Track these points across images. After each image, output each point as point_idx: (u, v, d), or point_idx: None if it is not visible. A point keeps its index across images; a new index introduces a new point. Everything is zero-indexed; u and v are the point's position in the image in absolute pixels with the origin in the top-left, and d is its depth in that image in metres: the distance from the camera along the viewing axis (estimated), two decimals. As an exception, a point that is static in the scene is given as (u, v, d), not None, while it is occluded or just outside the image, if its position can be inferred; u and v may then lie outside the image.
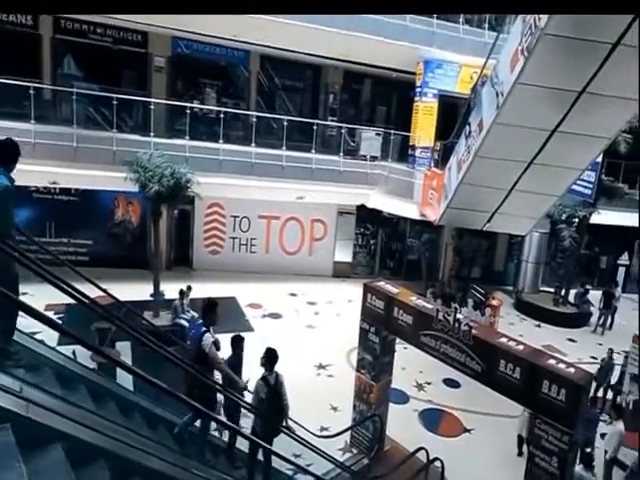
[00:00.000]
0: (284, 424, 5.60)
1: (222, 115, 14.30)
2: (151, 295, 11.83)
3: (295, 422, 6.01)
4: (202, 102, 15.80)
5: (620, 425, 7.97)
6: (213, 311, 5.47)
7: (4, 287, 2.51)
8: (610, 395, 10.23)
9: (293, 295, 15.11)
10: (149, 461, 3.56)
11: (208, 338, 5.18)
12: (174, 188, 10.94)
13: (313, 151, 15.10)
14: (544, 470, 5.95)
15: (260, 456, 5.65)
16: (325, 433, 7.77)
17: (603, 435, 9.22)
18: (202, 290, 13.07)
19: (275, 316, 13.54)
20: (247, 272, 15.75)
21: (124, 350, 9.51)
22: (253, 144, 14.46)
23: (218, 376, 5.61)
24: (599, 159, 12.56)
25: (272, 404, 5.50)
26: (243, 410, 5.65)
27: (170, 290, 11.99)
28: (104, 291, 4.95)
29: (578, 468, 6.70)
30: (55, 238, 14.61)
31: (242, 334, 6.82)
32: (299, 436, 5.66)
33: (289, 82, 18.00)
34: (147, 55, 15.35)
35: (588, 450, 7.39)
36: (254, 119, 14.99)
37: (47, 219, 14.66)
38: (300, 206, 16.19)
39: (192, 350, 5.34)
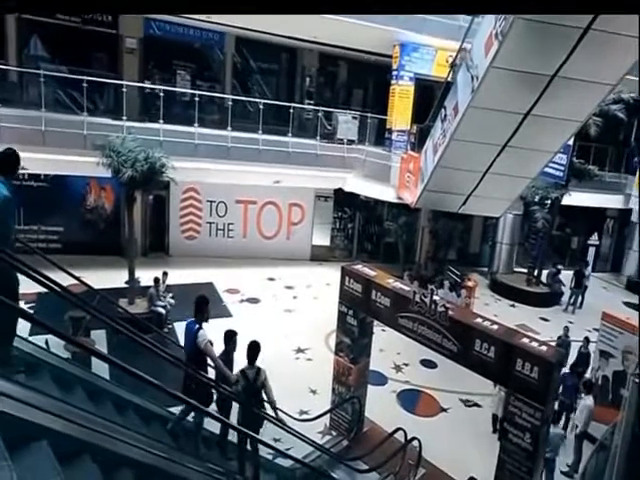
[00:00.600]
0: (273, 416, 5.56)
1: (197, 98, 14.03)
2: (126, 282, 11.66)
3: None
4: (176, 85, 15.46)
5: (590, 400, 8.25)
6: (205, 307, 5.43)
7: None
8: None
9: (271, 280, 15.10)
10: (130, 452, 3.55)
11: (203, 335, 5.18)
12: (148, 173, 10.71)
13: (290, 135, 14.97)
14: (517, 446, 6.14)
15: (248, 446, 5.66)
16: (304, 417, 7.85)
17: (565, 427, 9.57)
18: (179, 276, 13.02)
19: (253, 301, 13.52)
20: (224, 257, 15.66)
21: (99, 339, 9.40)
22: (229, 128, 14.25)
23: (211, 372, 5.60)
24: (570, 142, 12.79)
25: (249, 397, 5.47)
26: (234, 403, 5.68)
27: (146, 277, 11.84)
28: (77, 279, 4.87)
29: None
30: (25, 225, 14.20)
31: (221, 320, 6.79)
32: (279, 420, 5.72)
33: (265, 65, 17.77)
34: (118, 36, 14.90)
35: (572, 415, 7.68)
36: (230, 102, 14.75)
37: (16, 206, 14.21)
38: (277, 190, 16.11)
39: (186, 347, 5.35)
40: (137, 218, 13.38)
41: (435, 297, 7.01)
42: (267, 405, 5.67)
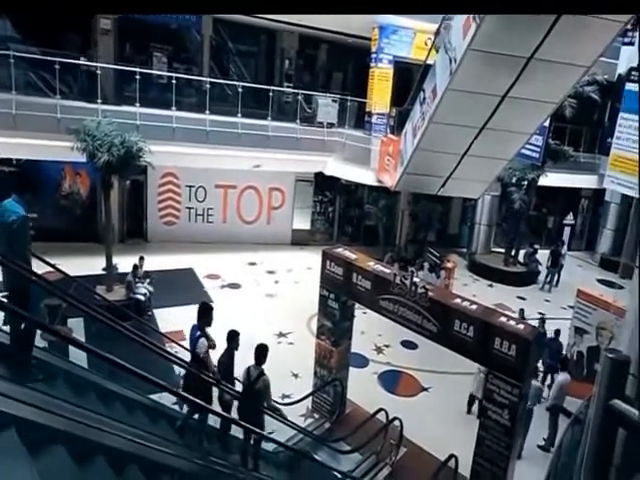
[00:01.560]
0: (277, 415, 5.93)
1: (174, 81, 13.75)
2: (104, 269, 11.50)
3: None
4: (152, 68, 15.11)
5: (562, 376, 8.46)
6: (208, 314, 5.61)
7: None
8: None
9: (252, 264, 15.06)
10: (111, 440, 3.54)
11: (203, 343, 5.41)
12: (125, 157, 10.50)
13: (269, 118, 14.82)
14: (496, 422, 6.31)
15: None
16: (287, 400, 7.94)
17: (550, 386, 9.85)
18: (158, 262, 12.89)
19: (234, 286, 13.47)
20: (204, 243, 15.53)
21: (76, 327, 9.26)
22: (207, 111, 14.03)
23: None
24: (546, 123, 12.94)
25: (246, 395, 5.69)
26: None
27: (124, 263, 11.70)
28: (52, 266, 4.79)
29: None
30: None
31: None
32: (264, 407, 5.79)
33: (243, 47, 17.49)
34: (92, 17, 14.44)
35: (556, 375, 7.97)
36: (208, 85, 14.49)
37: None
38: (257, 175, 15.97)
39: (191, 350, 5.59)
40: (114, 204, 13.16)
41: (415, 279, 7.09)
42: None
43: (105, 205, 11.46)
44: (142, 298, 10.88)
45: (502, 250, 17.43)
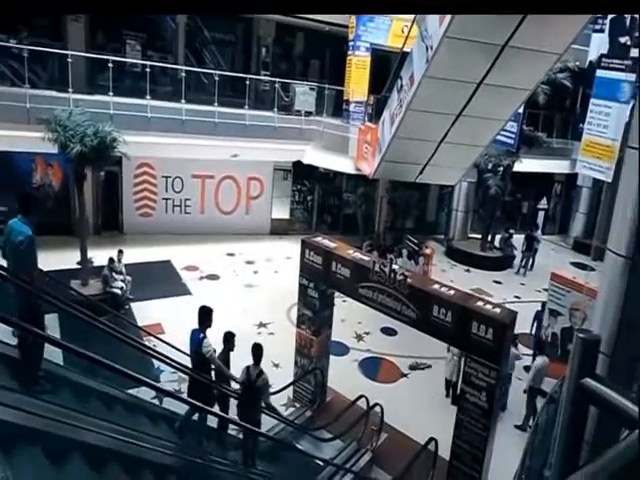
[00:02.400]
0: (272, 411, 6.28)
1: (148, 69, 13.46)
2: (78, 263, 11.29)
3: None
4: (126, 56, 14.77)
5: (540, 359, 8.66)
6: (208, 317, 5.75)
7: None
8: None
9: (231, 255, 14.97)
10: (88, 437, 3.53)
11: (208, 344, 5.61)
12: (98, 148, 10.28)
13: (246, 107, 14.68)
14: (474, 404, 6.45)
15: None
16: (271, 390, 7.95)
17: (526, 368, 10.08)
18: (135, 255, 12.72)
19: (213, 277, 13.37)
20: (182, 234, 15.34)
21: (51, 323, 9.07)
22: (183, 100, 13.81)
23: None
24: (521, 110, 13.10)
25: (246, 394, 5.86)
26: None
27: (99, 257, 11.50)
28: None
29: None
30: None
31: (180, 298, 6.74)
32: (232, 390, 5.81)
33: (219, 35, 17.20)
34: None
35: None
36: (183, 74, 14.24)
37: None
38: (235, 164, 15.81)
39: (191, 353, 5.81)
40: (88, 195, 12.87)
41: (394, 266, 7.17)
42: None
43: (79, 197, 11.23)
44: (119, 292, 10.73)
45: (479, 236, 17.69)
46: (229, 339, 6.25)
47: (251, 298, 12.28)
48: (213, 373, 5.96)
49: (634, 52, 14.19)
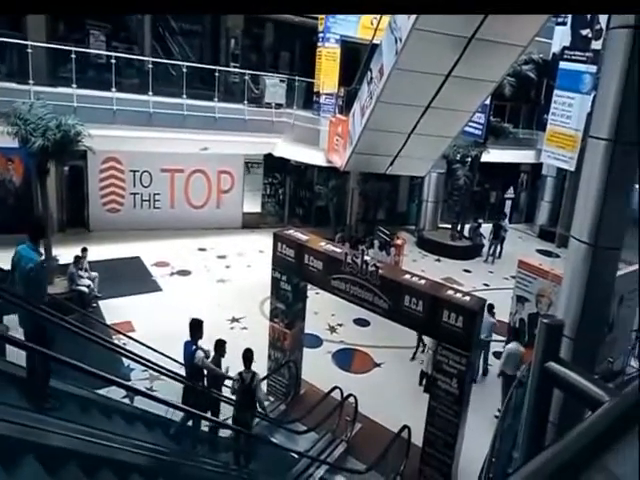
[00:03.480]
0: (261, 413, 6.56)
1: (113, 61, 13.10)
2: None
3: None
4: (89, 47, 14.34)
5: (514, 345, 8.78)
6: (199, 329, 6.10)
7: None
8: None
9: (202, 250, 14.79)
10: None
11: (199, 354, 6.01)
12: (62, 142, 9.95)
13: (216, 99, 14.48)
14: (446, 392, 6.57)
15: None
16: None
17: (495, 354, 10.32)
18: (102, 252, 12.45)
19: (184, 273, 13.17)
20: (151, 229, 15.03)
21: (13, 324, 8.79)
22: (150, 92, 13.52)
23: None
24: (487, 101, 13.33)
25: (243, 399, 6.11)
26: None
27: (65, 254, 11.18)
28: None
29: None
30: None
31: (150, 295, 6.67)
32: (224, 397, 5.78)
33: (187, 26, 16.89)
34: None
35: None
36: (150, 65, 13.92)
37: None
38: (205, 158, 15.59)
39: (185, 364, 6.17)
40: (51, 191, 12.50)
41: (366, 257, 7.20)
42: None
43: (41, 193, 10.86)
44: (85, 290, 10.47)
45: (448, 226, 17.99)
46: (220, 345, 6.56)
47: (223, 293, 12.18)
48: (205, 380, 6.28)
49: (595, 44, 14.60)
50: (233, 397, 6.32)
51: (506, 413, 5.77)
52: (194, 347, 5.98)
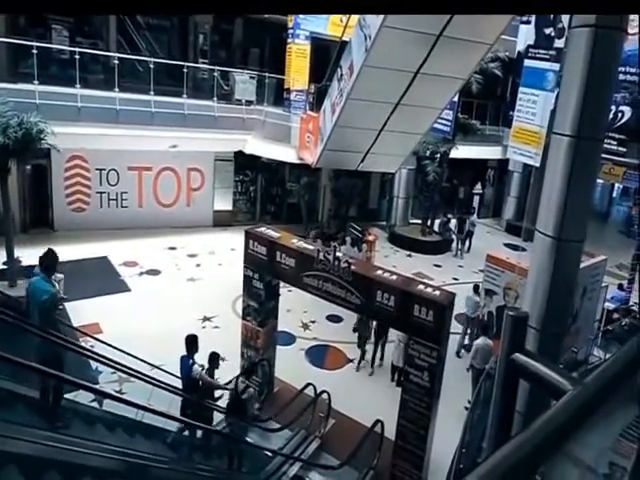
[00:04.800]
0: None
1: (77, 56, 12.73)
2: (4, 263, 10.60)
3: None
4: (52, 42, 13.91)
5: (483, 340, 8.96)
6: (195, 344, 6.42)
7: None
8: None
9: (172, 249, 14.55)
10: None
11: (196, 369, 6.34)
12: (23, 140, 9.62)
13: (185, 96, 14.24)
14: (417, 385, 6.65)
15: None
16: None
17: (465, 346, 10.52)
18: (68, 252, 12.08)
19: (153, 273, 12.92)
20: (119, 229, 14.69)
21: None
22: (116, 89, 13.20)
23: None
24: (455, 98, 13.52)
25: (233, 401, 6.48)
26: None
27: (28, 256, 10.80)
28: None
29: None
30: None
31: (118, 295, 6.55)
32: (190, 397, 5.70)
33: (154, 21, 16.56)
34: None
35: None
36: (116, 61, 13.58)
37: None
38: (174, 155, 15.33)
39: (182, 378, 6.52)
40: (13, 191, 12.07)
41: (338, 253, 7.22)
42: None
43: (2, 193, 10.48)
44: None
45: (419, 221, 18.21)
46: (214, 359, 6.80)
47: (194, 292, 12.02)
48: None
49: (558, 43, 14.97)
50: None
51: (475, 405, 5.88)
52: (191, 361, 6.33)
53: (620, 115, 14.76)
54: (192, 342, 6.43)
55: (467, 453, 5.25)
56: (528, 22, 16.04)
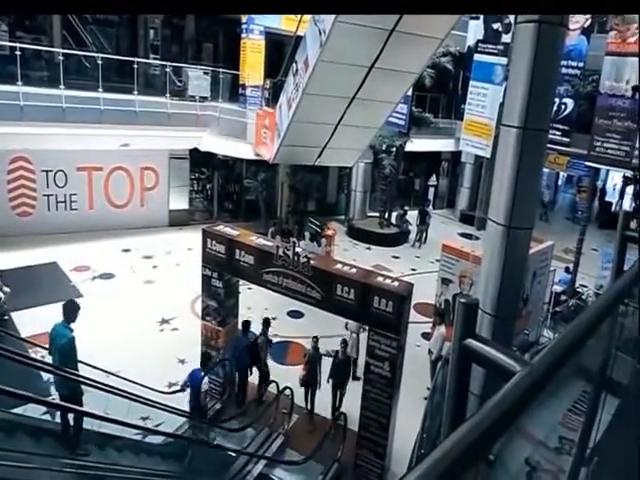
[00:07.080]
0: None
1: (18, 52, 12.11)
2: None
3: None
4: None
5: (442, 329, 9.18)
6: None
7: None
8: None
9: (126, 251, 14.10)
10: None
11: (206, 383, 7.01)
12: (-40, 141, 9.14)
13: (135, 92, 13.82)
14: (378, 375, 6.74)
15: None
16: (174, 388, 7.66)
17: (425, 334, 10.72)
18: (12, 259, 11.57)
19: (107, 276, 12.47)
20: (69, 232, 14.06)
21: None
22: (62, 86, 12.65)
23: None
24: (409, 92, 13.73)
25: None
26: None
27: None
28: None
29: None
30: None
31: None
32: (147, 399, 5.56)
33: (101, 15, 15.95)
34: None
35: None
36: (61, 57, 13.01)
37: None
38: (126, 154, 14.83)
39: (192, 389, 6.97)
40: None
41: (297, 249, 7.20)
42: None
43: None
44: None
45: (377, 214, 18.42)
46: (267, 324, 7.83)
47: (151, 295, 11.70)
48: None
49: (505, 38, 15.44)
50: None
51: (434, 392, 6.01)
52: (202, 374, 6.93)
53: (563, 107, 15.37)
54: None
55: (428, 438, 5.37)
56: (477, 18, 16.47)
